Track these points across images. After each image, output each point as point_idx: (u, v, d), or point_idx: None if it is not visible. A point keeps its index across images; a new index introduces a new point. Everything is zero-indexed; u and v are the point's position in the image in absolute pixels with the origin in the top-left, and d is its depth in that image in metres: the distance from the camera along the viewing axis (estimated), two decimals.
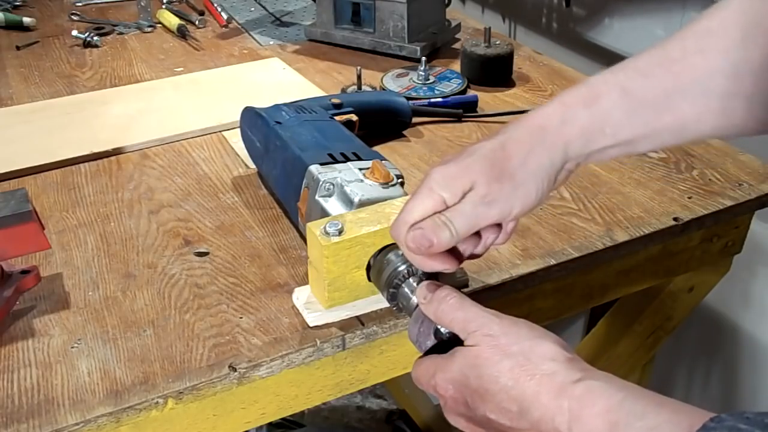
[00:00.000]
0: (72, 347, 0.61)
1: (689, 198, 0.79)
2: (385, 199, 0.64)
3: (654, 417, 0.39)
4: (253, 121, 0.82)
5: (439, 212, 0.51)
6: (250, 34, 1.31)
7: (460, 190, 0.51)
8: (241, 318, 0.64)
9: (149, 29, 1.33)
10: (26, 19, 1.34)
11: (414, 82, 1.06)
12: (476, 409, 0.47)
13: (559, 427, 0.42)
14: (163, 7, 1.37)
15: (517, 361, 0.45)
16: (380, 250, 0.60)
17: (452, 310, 0.50)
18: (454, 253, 0.53)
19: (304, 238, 0.70)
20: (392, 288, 0.57)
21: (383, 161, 0.70)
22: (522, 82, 1.08)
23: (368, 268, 0.61)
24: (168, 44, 1.27)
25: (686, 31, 0.52)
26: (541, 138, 0.52)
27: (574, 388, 0.42)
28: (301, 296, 0.65)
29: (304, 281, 0.67)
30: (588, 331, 1.14)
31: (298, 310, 0.64)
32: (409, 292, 0.56)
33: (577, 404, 0.42)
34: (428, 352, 0.52)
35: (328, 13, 1.21)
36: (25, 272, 0.66)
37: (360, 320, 0.63)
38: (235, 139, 0.91)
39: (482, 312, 0.49)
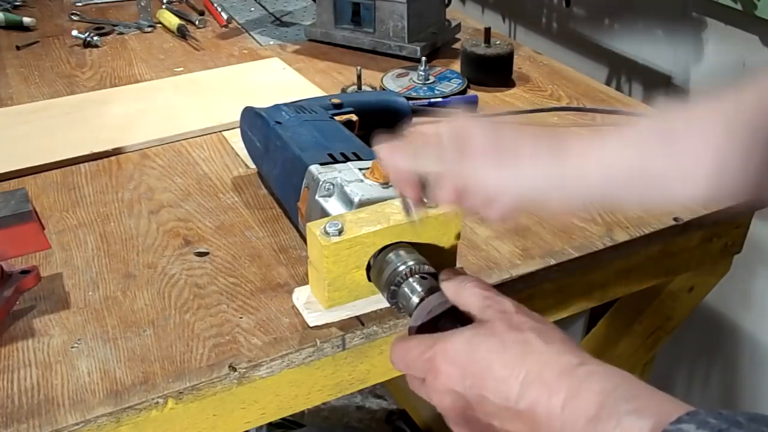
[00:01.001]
0: (72, 347, 0.61)
1: None
2: (385, 199, 0.64)
3: (640, 401, 0.39)
4: (253, 121, 0.82)
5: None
6: (250, 34, 1.31)
7: (461, 139, 0.51)
8: (241, 318, 0.64)
9: (149, 29, 1.33)
10: (26, 19, 1.34)
11: (414, 82, 1.06)
12: (471, 387, 0.46)
13: (553, 406, 0.42)
14: (163, 7, 1.37)
15: (527, 337, 0.45)
16: (380, 250, 0.60)
17: (473, 286, 0.50)
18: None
19: (304, 238, 0.70)
20: (392, 288, 0.57)
21: None
22: (522, 82, 1.08)
23: (368, 268, 0.61)
24: (168, 44, 1.27)
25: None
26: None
27: (578, 369, 0.43)
28: (301, 296, 0.65)
29: (304, 281, 0.67)
30: (588, 331, 1.13)
31: (298, 310, 0.64)
32: (409, 292, 0.56)
33: (577, 383, 0.42)
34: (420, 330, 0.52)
35: (328, 13, 1.21)
36: (25, 272, 0.66)
37: (360, 320, 0.63)
38: (235, 139, 0.91)
39: (500, 294, 0.50)
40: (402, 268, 0.57)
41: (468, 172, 0.50)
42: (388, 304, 0.59)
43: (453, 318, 0.51)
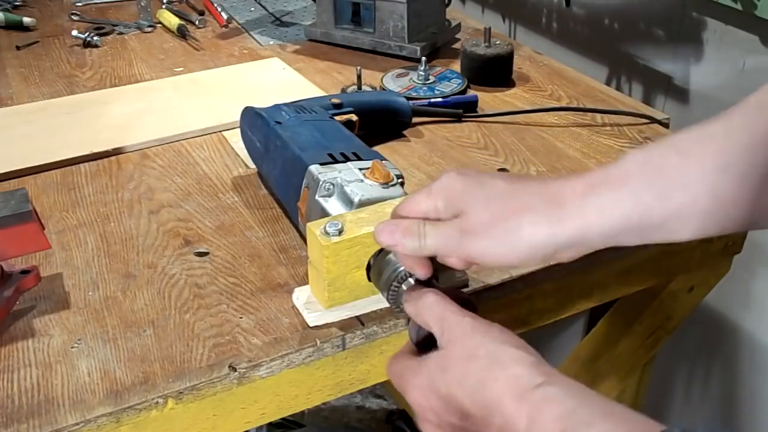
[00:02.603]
0: (72, 347, 0.61)
1: None
2: (385, 199, 0.64)
3: (599, 426, 0.40)
4: (253, 121, 0.82)
5: (427, 219, 0.51)
6: (250, 34, 1.31)
7: (456, 208, 0.50)
8: (241, 318, 0.64)
9: (149, 29, 1.33)
10: (26, 19, 1.34)
11: (414, 82, 1.06)
12: (441, 415, 0.48)
13: (518, 431, 0.43)
14: (163, 7, 1.37)
15: (483, 364, 0.46)
16: (380, 250, 0.60)
17: (429, 309, 0.51)
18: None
19: (304, 238, 0.70)
20: (392, 288, 0.57)
21: (383, 161, 0.70)
22: (522, 82, 1.08)
23: (368, 268, 0.61)
24: (168, 44, 1.27)
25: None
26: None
27: (534, 394, 0.43)
28: (301, 296, 0.65)
29: (304, 281, 0.67)
30: (588, 331, 1.13)
31: (298, 310, 0.64)
32: None
33: (535, 410, 0.43)
34: (417, 346, 0.54)
35: (328, 13, 1.21)
36: (25, 272, 0.66)
37: (360, 320, 0.63)
38: (235, 139, 0.91)
39: (458, 312, 0.50)
40: (402, 268, 0.56)
41: (470, 250, 0.50)
42: (388, 304, 0.59)
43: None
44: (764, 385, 1.20)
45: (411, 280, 0.56)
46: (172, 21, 1.30)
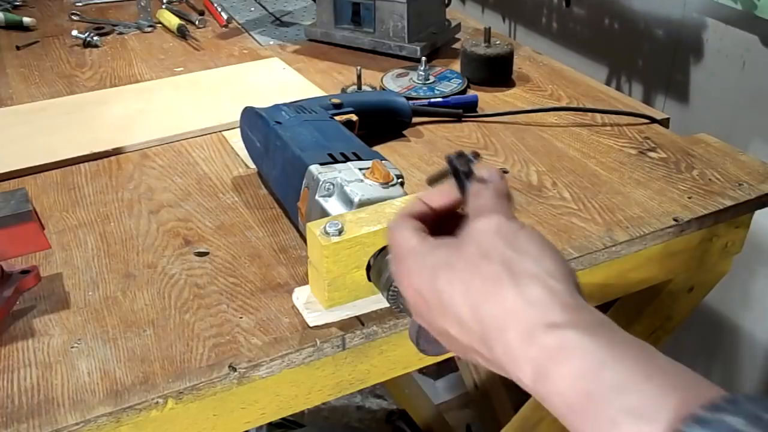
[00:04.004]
0: (72, 347, 0.61)
1: (689, 198, 0.79)
2: (385, 199, 0.64)
3: (636, 394, 0.31)
4: (253, 121, 0.82)
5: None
6: (250, 34, 1.31)
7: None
8: (241, 318, 0.64)
9: (149, 29, 1.33)
10: (26, 19, 1.34)
11: (414, 82, 1.06)
12: (435, 318, 0.41)
13: (522, 379, 0.35)
14: (163, 7, 1.37)
15: (493, 272, 0.38)
16: (380, 250, 0.60)
17: (491, 188, 0.44)
18: None
19: (304, 238, 0.70)
20: (392, 288, 0.57)
21: (383, 161, 0.70)
22: (522, 82, 1.08)
23: (368, 268, 0.61)
24: (168, 44, 1.27)
25: None
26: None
27: (547, 336, 0.34)
28: (301, 296, 0.65)
29: (304, 281, 0.67)
30: None
31: (298, 310, 0.64)
32: None
33: (545, 357, 0.34)
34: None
35: (328, 13, 1.21)
36: (25, 272, 0.66)
37: (360, 320, 0.63)
38: (235, 139, 0.91)
39: (500, 205, 0.42)
40: None
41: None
42: (388, 304, 0.59)
43: None
44: (764, 385, 1.20)
45: None
46: (172, 21, 1.30)
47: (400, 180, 0.68)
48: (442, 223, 0.47)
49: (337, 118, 0.84)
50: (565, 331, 0.34)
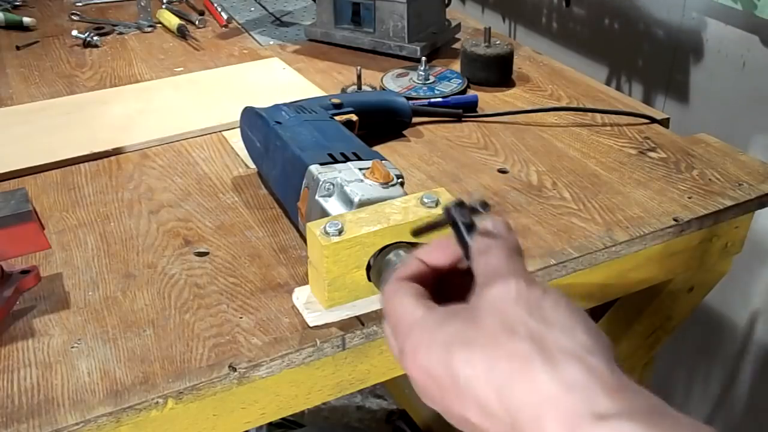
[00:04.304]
0: (72, 347, 0.61)
1: (689, 198, 0.79)
2: (385, 199, 0.64)
3: None
4: (253, 121, 0.82)
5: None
6: (250, 34, 1.31)
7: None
8: (241, 318, 0.64)
9: (149, 29, 1.33)
10: (26, 19, 1.34)
11: (414, 82, 1.06)
12: (453, 405, 0.35)
13: None
14: (163, 7, 1.37)
15: (522, 350, 0.32)
16: (380, 250, 0.60)
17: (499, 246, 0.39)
18: None
19: (304, 238, 0.70)
20: None
21: (383, 161, 0.70)
22: (522, 82, 1.08)
23: (368, 268, 0.61)
24: (168, 44, 1.27)
25: None
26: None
27: (595, 430, 0.29)
28: (301, 296, 0.65)
29: (304, 281, 0.67)
30: None
31: (298, 310, 0.64)
32: None
33: None
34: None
35: (328, 13, 1.21)
36: (25, 272, 0.66)
37: (360, 320, 0.63)
38: (235, 139, 0.91)
39: (518, 266, 0.37)
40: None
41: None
42: None
43: None
44: (764, 385, 1.20)
45: None
46: (172, 21, 1.30)
47: (400, 180, 0.68)
48: (443, 283, 0.43)
49: (337, 118, 0.84)
50: (619, 422, 0.29)
